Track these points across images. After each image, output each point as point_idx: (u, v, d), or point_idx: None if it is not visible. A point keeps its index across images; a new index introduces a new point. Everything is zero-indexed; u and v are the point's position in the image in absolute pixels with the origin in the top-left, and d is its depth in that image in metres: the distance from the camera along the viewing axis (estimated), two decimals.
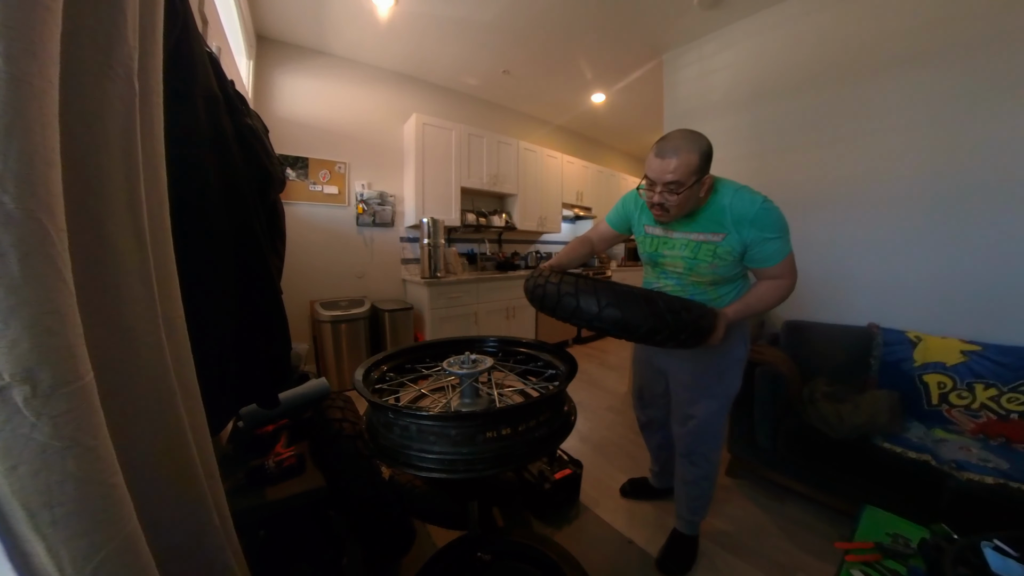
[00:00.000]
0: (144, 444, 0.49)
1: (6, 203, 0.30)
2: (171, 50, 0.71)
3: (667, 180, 0.98)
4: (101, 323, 0.44)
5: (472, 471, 0.64)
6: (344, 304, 2.97)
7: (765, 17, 2.38)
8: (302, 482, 1.08)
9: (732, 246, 1.05)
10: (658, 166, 0.99)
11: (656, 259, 1.22)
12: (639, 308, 0.89)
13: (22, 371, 0.31)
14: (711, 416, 1.25)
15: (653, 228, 1.21)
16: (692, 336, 0.94)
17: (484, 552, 1.11)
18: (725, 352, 1.21)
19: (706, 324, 0.97)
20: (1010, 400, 1.46)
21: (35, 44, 0.32)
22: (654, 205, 1.06)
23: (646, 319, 0.88)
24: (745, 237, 1.03)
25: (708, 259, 1.09)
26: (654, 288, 1.25)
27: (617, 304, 0.88)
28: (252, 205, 0.98)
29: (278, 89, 2.81)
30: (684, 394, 1.29)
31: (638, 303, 0.89)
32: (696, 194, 1.01)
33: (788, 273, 1.08)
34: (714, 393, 1.24)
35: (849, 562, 0.85)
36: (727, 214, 1.04)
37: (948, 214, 1.76)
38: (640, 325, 0.89)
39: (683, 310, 0.92)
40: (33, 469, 0.32)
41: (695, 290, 1.18)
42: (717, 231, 1.06)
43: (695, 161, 0.96)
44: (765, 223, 1.01)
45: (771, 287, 1.09)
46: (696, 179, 0.98)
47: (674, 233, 1.14)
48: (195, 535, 0.56)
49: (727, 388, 1.25)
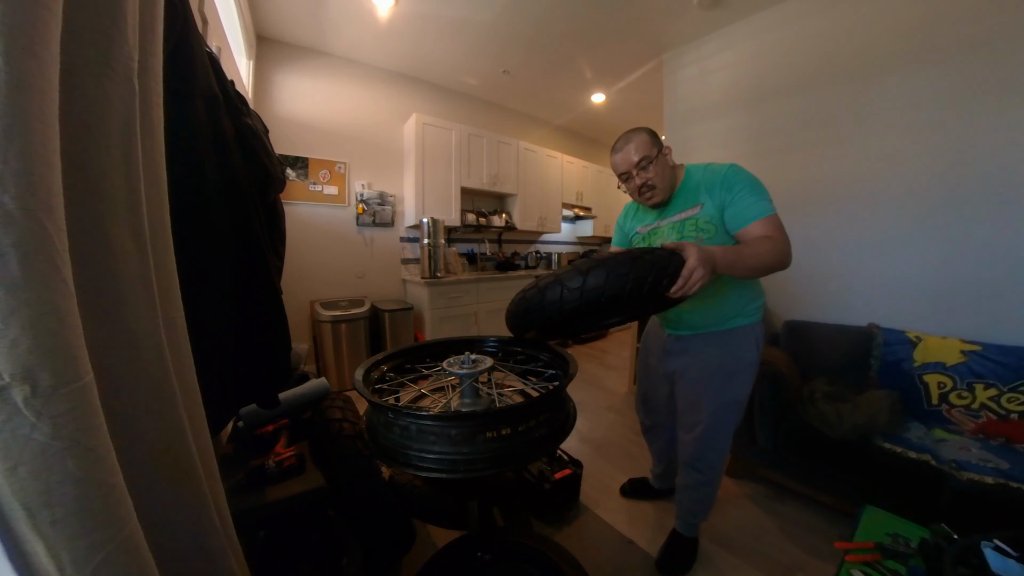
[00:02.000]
0: (144, 444, 0.49)
1: (6, 203, 0.30)
2: (171, 50, 0.71)
3: (635, 160, 1.09)
4: (101, 323, 0.44)
5: (472, 471, 0.64)
6: (344, 304, 2.97)
7: (765, 17, 2.38)
8: (302, 482, 1.08)
9: (710, 214, 1.07)
10: (621, 157, 1.12)
11: None
12: (601, 272, 0.79)
13: (22, 371, 0.31)
14: (718, 422, 1.21)
15: (643, 227, 1.25)
16: (660, 272, 0.80)
17: (484, 552, 1.11)
18: (735, 353, 1.18)
19: (674, 259, 0.83)
20: (1010, 400, 1.46)
21: (35, 44, 0.32)
22: (641, 191, 1.12)
23: (608, 279, 0.78)
24: (718, 200, 1.06)
25: (692, 234, 1.10)
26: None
27: (580, 275, 0.79)
28: (252, 205, 0.98)
29: (278, 89, 2.81)
30: (690, 398, 1.25)
31: (599, 268, 0.79)
32: (667, 165, 1.12)
33: (775, 231, 1.00)
34: (722, 398, 1.19)
35: (849, 562, 0.85)
36: (700, 187, 1.10)
37: (948, 214, 1.76)
38: (603, 287, 0.78)
39: (644, 253, 0.82)
40: (33, 469, 0.32)
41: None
42: (694, 204, 1.10)
43: (646, 138, 1.10)
44: (733, 180, 1.05)
45: (763, 241, 0.99)
46: (658, 150, 1.10)
47: (662, 222, 1.18)
48: (195, 535, 0.56)
49: (736, 392, 1.20)
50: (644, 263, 0.79)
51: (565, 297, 0.80)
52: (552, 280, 0.82)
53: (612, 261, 0.79)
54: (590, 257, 0.80)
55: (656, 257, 0.80)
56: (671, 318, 1.26)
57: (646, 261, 0.79)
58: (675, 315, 1.23)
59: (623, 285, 0.78)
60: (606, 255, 0.81)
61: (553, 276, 0.83)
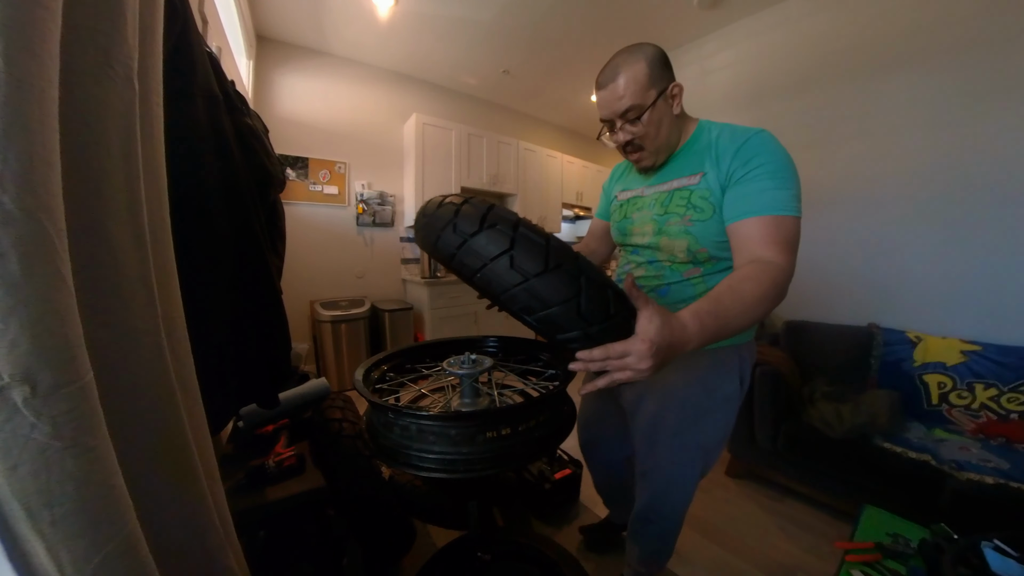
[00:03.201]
0: (144, 444, 0.49)
1: (6, 203, 0.30)
2: (171, 50, 0.71)
3: (622, 109, 0.76)
4: (101, 323, 0.44)
5: (472, 471, 0.64)
6: (344, 304, 2.97)
7: (765, 17, 2.38)
8: (302, 482, 1.08)
9: (711, 187, 0.76)
10: (605, 98, 0.78)
11: (625, 230, 0.93)
12: (499, 238, 0.51)
13: (22, 371, 0.31)
14: (675, 473, 0.92)
15: (624, 191, 0.97)
16: (570, 314, 0.51)
17: (484, 552, 1.11)
18: (709, 386, 0.87)
19: (615, 318, 0.53)
20: (1010, 400, 1.46)
21: (35, 44, 0.32)
22: (626, 149, 0.84)
23: (497, 259, 0.51)
24: (725, 170, 0.74)
25: (680, 211, 0.80)
26: (623, 273, 0.97)
27: (476, 224, 0.52)
28: (252, 205, 0.98)
29: (278, 89, 2.81)
30: (645, 436, 0.94)
31: (502, 232, 0.51)
32: (668, 111, 0.78)
33: (784, 244, 0.67)
34: (683, 443, 0.89)
35: (849, 562, 0.85)
36: (712, 149, 0.78)
37: (948, 214, 1.76)
38: (482, 262, 0.52)
39: (586, 271, 0.52)
40: (33, 469, 0.32)
41: (672, 276, 0.84)
42: (695, 171, 0.79)
43: (643, 71, 0.73)
44: (754, 152, 0.72)
45: (753, 270, 0.64)
46: (658, 92, 0.75)
47: (647, 189, 0.89)
48: (195, 535, 0.55)
49: (703, 438, 0.89)
50: (565, 277, 0.50)
51: (441, 243, 0.55)
52: (448, 214, 0.55)
53: (532, 244, 0.50)
54: (527, 226, 0.52)
55: (594, 290, 0.51)
56: None
57: (570, 278, 0.50)
58: None
59: (507, 283, 0.51)
60: (548, 236, 0.52)
61: (455, 208, 0.55)
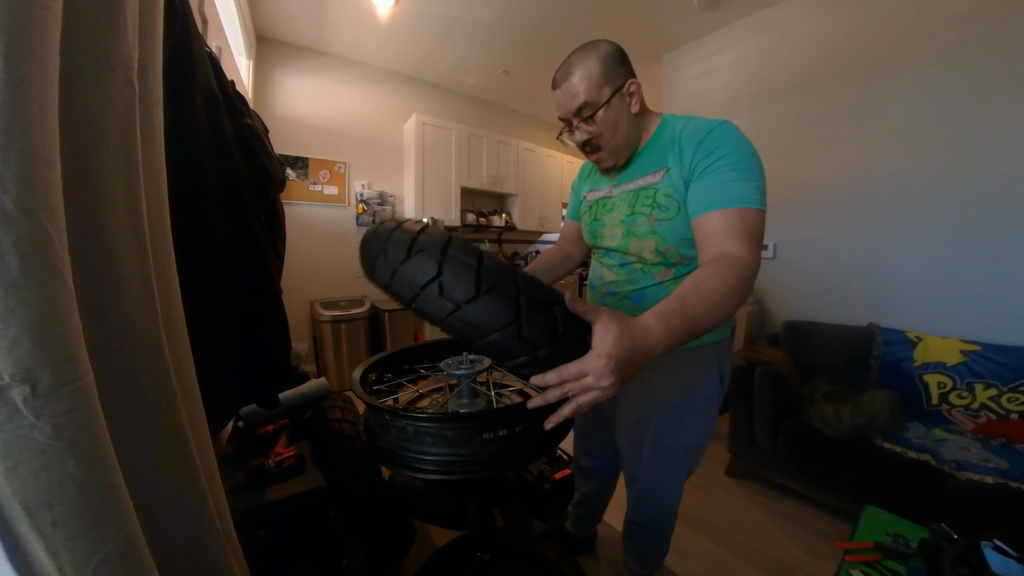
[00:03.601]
0: (144, 444, 0.49)
1: (6, 203, 0.30)
2: (171, 50, 0.71)
3: (576, 107, 0.74)
4: (101, 323, 0.44)
5: (470, 472, 0.64)
6: (344, 304, 2.98)
7: (765, 17, 2.38)
8: (302, 482, 1.08)
9: (673, 183, 0.74)
10: (560, 97, 0.76)
11: (596, 232, 0.92)
12: (426, 264, 0.48)
13: (22, 371, 0.31)
14: (661, 475, 0.93)
15: (593, 192, 0.95)
16: (510, 338, 0.48)
17: (484, 552, 1.11)
18: (689, 388, 0.85)
19: (568, 335, 0.50)
20: (1010, 400, 1.46)
21: (35, 44, 0.32)
22: (585, 149, 0.82)
23: (427, 286, 0.48)
24: (688, 165, 0.72)
25: (646, 210, 0.78)
26: (595, 277, 0.96)
27: (405, 251, 0.49)
28: (252, 205, 0.98)
29: (278, 89, 2.81)
30: (629, 442, 0.95)
31: (430, 256, 0.48)
32: (625, 110, 0.76)
33: (748, 237, 0.64)
34: (666, 445, 0.89)
35: (849, 562, 0.85)
36: (675, 143, 0.75)
37: (948, 214, 1.76)
38: (412, 290, 0.49)
39: (532, 288, 0.49)
40: (33, 469, 0.32)
41: (644, 279, 0.83)
42: (657, 168, 0.77)
43: (595, 68, 0.72)
44: (716, 144, 0.69)
45: (717, 267, 0.61)
46: (612, 90, 0.73)
47: (614, 190, 0.87)
48: (195, 535, 0.56)
49: (687, 438, 0.89)
50: (501, 301, 0.47)
51: (377, 271, 0.52)
52: (380, 241, 0.52)
53: (462, 267, 0.47)
54: (459, 247, 0.49)
55: (536, 311, 0.48)
56: None
57: (507, 301, 0.47)
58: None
59: (441, 313, 0.49)
60: (480, 256, 0.49)
61: (387, 234, 0.52)
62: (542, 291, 0.51)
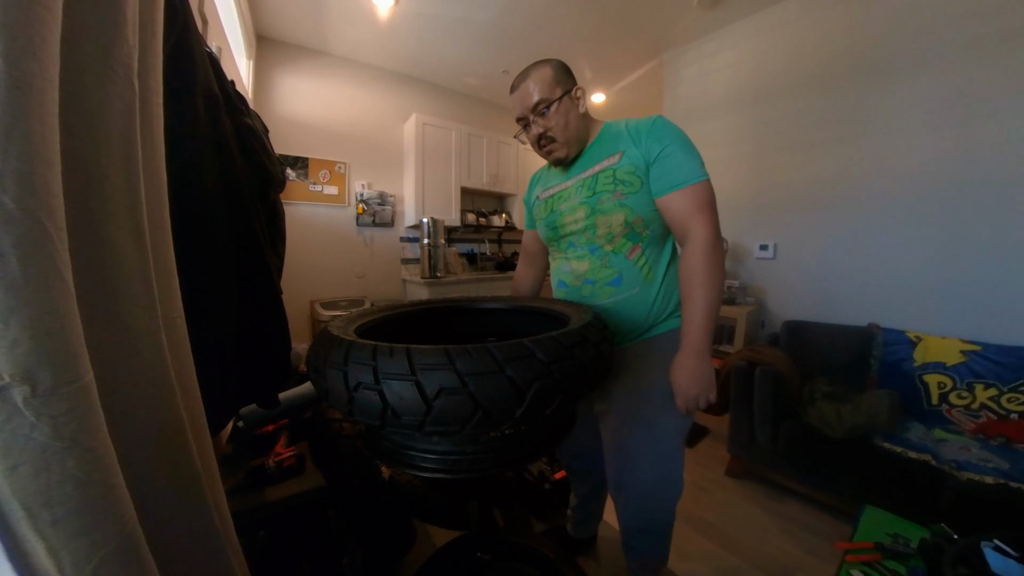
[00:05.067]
0: (144, 444, 0.49)
1: (6, 203, 0.30)
2: (171, 50, 0.71)
3: (533, 104, 0.88)
4: (101, 323, 0.44)
5: (476, 471, 0.64)
6: (344, 304, 2.98)
7: (765, 17, 2.38)
8: (302, 482, 1.08)
9: (633, 162, 0.86)
10: (518, 98, 0.91)
11: (555, 224, 0.98)
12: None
13: (22, 371, 0.31)
14: (659, 467, 0.92)
15: (545, 190, 1.04)
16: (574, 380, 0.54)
17: (484, 552, 1.11)
18: (666, 367, 0.86)
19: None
20: (1010, 400, 1.46)
21: (35, 44, 0.32)
22: (540, 144, 0.93)
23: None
24: (645, 151, 0.85)
25: (609, 188, 0.87)
26: (563, 273, 0.98)
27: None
28: (252, 205, 0.98)
29: (278, 89, 2.81)
30: (617, 440, 0.95)
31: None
32: (574, 108, 0.89)
33: (703, 208, 0.81)
34: (658, 432, 0.90)
35: (849, 562, 0.85)
36: (624, 135, 0.89)
37: (948, 214, 1.76)
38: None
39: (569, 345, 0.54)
40: (33, 469, 0.32)
41: (618, 261, 0.90)
42: (612, 153, 0.89)
43: (548, 73, 0.87)
44: (663, 131, 0.85)
45: (690, 262, 0.81)
46: (563, 90, 0.88)
47: (568, 181, 0.96)
48: (195, 535, 0.56)
49: (677, 418, 0.89)
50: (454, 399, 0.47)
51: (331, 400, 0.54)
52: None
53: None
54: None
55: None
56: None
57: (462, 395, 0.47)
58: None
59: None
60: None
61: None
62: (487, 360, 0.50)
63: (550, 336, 0.57)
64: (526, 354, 0.52)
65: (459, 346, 0.51)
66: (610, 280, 0.91)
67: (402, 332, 0.92)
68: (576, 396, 0.59)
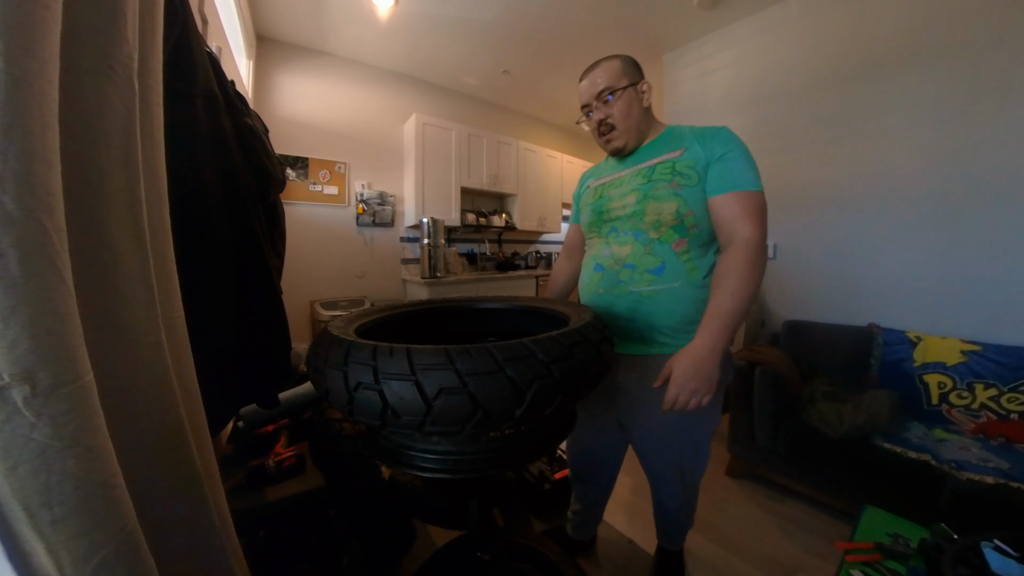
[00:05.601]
0: (144, 444, 0.49)
1: (6, 203, 0.30)
2: (171, 50, 0.71)
3: (598, 91, 0.90)
4: (101, 323, 0.44)
5: (476, 471, 0.64)
6: (344, 304, 2.98)
7: (765, 17, 2.38)
8: (302, 482, 1.08)
9: (695, 158, 0.86)
10: (585, 86, 0.94)
11: (601, 208, 0.99)
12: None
13: (22, 371, 0.31)
14: (693, 468, 1.03)
15: (597, 180, 1.05)
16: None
17: (484, 552, 1.11)
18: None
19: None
20: (1010, 400, 1.46)
21: (35, 44, 0.32)
22: (600, 132, 0.94)
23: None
24: (707, 151, 0.86)
25: (666, 177, 0.88)
26: (603, 257, 0.97)
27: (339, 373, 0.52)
28: (252, 205, 0.98)
29: (278, 89, 2.81)
30: (653, 444, 1.01)
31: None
32: (637, 100, 0.91)
33: (754, 214, 0.81)
34: (697, 438, 0.99)
35: (849, 562, 0.85)
36: (687, 135, 0.91)
37: (949, 214, 1.76)
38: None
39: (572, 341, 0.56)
40: (33, 469, 0.32)
41: (662, 250, 0.88)
42: (675, 148, 0.90)
43: (617, 65, 0.91)
44: (730, 138, 0.87)
45: (730, 262, 0.81)
46: (630, 81, 0.90)
47: (623, 171, 0.97)
48: (195, 535, 0.56)
49: (712, 424, 0.99)
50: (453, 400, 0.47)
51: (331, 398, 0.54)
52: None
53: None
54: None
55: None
56: (617, 325, 0.92)
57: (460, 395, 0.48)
58: (626, 314, 0.92)
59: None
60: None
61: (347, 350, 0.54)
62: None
63: (550, 336, 0.57)
64: (526, 354, 0.52)
65: (459, 346, 0.51)
66: (652, 268, 0.89)
67: (402, 332, 0.92)
68: (576, 396, 0.59)
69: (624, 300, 0.92)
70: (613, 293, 0.94)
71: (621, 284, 0.92)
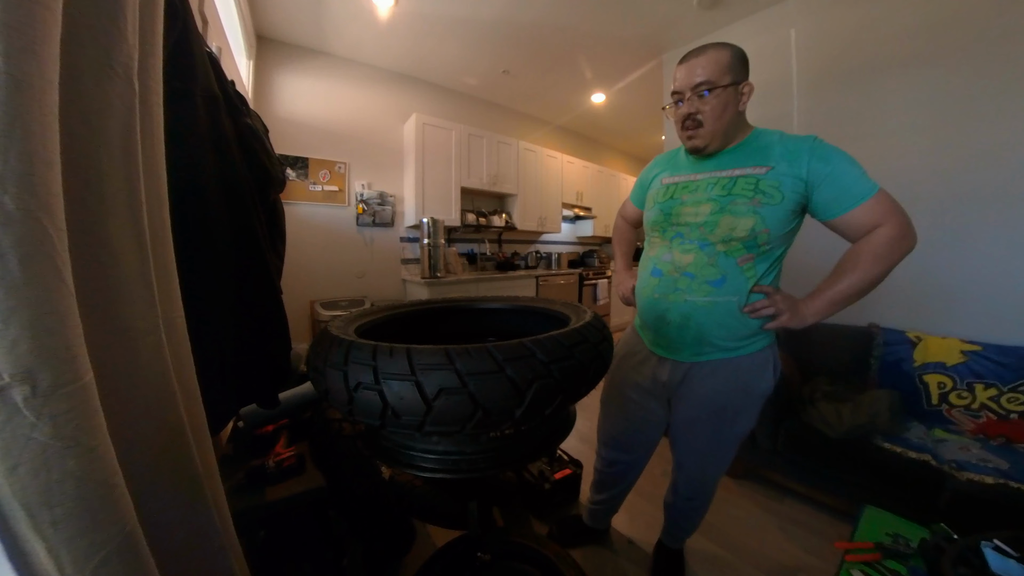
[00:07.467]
0: (144, 444, 0.49)
1: (6, 203, 0.30)
2: (171, 50, 0.71)
3: (696, 82, 0.83)
4: (101, 323, 0.44)
5: (475, 471, 0.64)
6: (344, 304, 2.97)
7: (765, 17, 2.38)
8: (302, 482, 1.08)
9: (780, 179, 0.81)
10: (684, 72, 0.85)
11: (671, 211, 0.93)
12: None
13: (22, 371, 0.31)
14: (716, 461, 1.05)
15: (670, 176, 0.98)
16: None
17: (484, 552, 1.11)
18: (747, 387, 0.93)
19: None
20: (1010, 400, 1.46)
21: (35, 44, 0.32)
22: (685, 123, 0.87)
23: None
24: (803, 171, 0.80)
25: (748, 194, 0.82)
26: (662, 262, 0.94)
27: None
28: (252, 205, 0.98)
29: (278, 89, 2.81)
30: (686, 442, 1.06)
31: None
32: (734, 102, 0.85)
33: (895, 213, 0.79)
34: (721, 438, 1.00)
35: (849, 562, 0.85)
36: (775, 148, 0.85)
37: (948, 214, 1.76)
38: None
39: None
40: (33, 469, 0.32)
41: (726, 264, 0.85)
42: (760, 164, 0.84)
43: (726, 57, 0.82)
44: (829, 152, 0.81)
45: (877, 234, 0.80)
46: (732, 79, 0.83)
47: (699, 174, 0.91)
48: (195, 535, 0.56)
49: (739, 430, 0.99)
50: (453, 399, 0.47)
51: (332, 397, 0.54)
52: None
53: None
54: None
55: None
56: (668, 332, 0.93)
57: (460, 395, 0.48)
58: (677, 322, 0.91)
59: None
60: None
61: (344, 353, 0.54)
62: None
63: (550, 336, 0.57)
64: (526, 354, 0.52)
65: (459, 346, 0.51)
66: (712, 279, 0.87)
67: (402, 332, 0.92)
68: (576, 396, 0.59)
69: (678, 307, 0.91)
70: (668, 299, 0.92)
71: (678, 291, 0.91)
